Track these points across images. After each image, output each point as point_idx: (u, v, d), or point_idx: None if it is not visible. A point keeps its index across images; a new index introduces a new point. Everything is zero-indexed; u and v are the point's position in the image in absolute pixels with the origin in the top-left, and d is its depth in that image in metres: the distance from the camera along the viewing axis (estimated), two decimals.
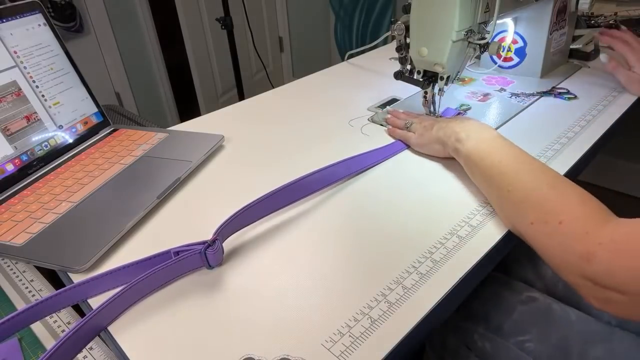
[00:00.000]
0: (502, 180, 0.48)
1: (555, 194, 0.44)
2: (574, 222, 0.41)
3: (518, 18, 0.82)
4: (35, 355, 0.42)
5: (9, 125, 0.60)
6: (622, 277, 0.37)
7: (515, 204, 0.46)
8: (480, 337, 0.57)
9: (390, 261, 0.45)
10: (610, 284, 0.37)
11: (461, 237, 0.48)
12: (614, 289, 0.37)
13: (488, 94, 0.80)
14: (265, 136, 0.72)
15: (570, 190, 0.44)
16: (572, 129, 0.67)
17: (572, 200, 0.43)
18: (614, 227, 0.39)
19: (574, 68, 0.89)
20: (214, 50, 2.20)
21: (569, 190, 0.44)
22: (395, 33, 0.67)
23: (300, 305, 0.41)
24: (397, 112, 0.72)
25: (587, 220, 0.41)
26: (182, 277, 0.45)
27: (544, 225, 0.43)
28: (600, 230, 0.39)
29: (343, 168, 0.58)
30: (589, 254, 0.38)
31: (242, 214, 0.48)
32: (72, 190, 0.58)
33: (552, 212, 0.43)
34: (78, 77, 0.71)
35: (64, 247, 0.49)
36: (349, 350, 0.37)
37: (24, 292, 0.49)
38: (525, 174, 0.47)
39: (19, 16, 0.64)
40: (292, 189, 0.52)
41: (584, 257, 0.39)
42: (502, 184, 0.48)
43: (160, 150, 0.67)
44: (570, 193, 0.44)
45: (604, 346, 0.52)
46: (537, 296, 0.59)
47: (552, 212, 0.43)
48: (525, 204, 0.45)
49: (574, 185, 0.45)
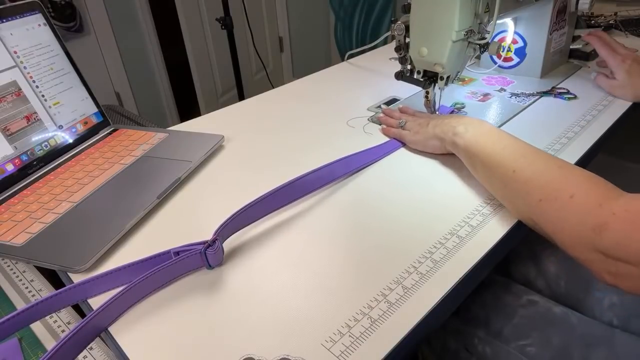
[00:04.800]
0: (506, 164, 0.48)
1: (564, 172, 0.44)
2: (586, 195, 0.41)
3: (518, 18, 0.82)
4: (35, 355, 0.42)
5: (9, 125, 0.60)
6: (634, 248, 0.36)
7: (522, 183, 0.46)
8: (481, 341, 0.57)
9: (390, 261, 0.45)
10: (623, 255, 0.37)
11: (461, 237, 0.48)
12: (626, 261, 0.37)
13: (488, 94, 0.80)
14: (265, 136, 0.72)
15: (578, 170, 0.44)
16: (572, 129, 0.67)
17: (581, 177, 0.43)
18: (628, 200, 0.39)
19: (574, 68, 0.89)
20: (214, 50, 2.20)
21: (577, 170, 0.45)
22: (395, 33, 0.67)
23: (300, 305, 0.41)
24: (390, 110, 0.72)
25: (599, 194, 0.41)
26: (182, 277, 0.45)
27: (554, 202, 0.43)
28: (614, 201, 0.39)
29: (340, 167, 0.58)
30: (602, 225, 0.38)
31: (241, 214, 0.48)
32: (72, 190, 0.58)
33: (561, 189, 0.43)
34: (78, 77, 0.71)
35: (64, 247, 0.49)
36: (349, 350, 0.37)
37: (24, 292, 0.49)
38: (530, 157, 0.48)
39: (19, 16, 0.64)
40: (291, 188, 0.53)
41: (596, 229, 0.39)
42: (506, 168, 0.48)
43: (160, 150, 0.67)
44: (579, 172, 0.44)
45: (605, 349, 0.52)
46: (538, 300, 0.59)
47: (561, 188, 0.43)
48: (533, 182, 0.45)
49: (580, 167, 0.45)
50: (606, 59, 0.77)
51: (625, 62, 0.74)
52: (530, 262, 0.65)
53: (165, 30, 2.11)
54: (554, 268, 0.63)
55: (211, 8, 2.08)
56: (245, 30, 1.88)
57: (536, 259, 0.65)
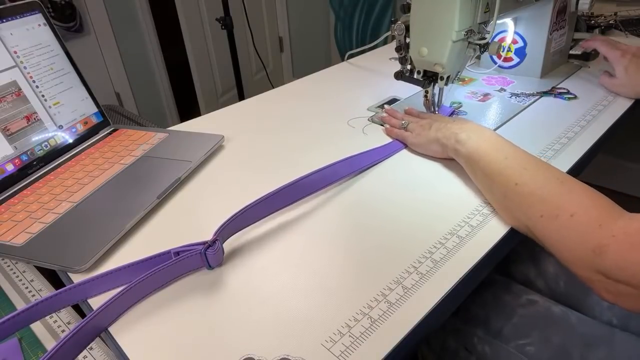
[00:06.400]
0: (508, 175, 0.48)
1: (565, 189, 0.44)
2: (587, 215, 0.41)
3: (518, 18, 0.82)
4: (35, 355, 0.42)
5: (9, 125, 0.60)
6: (634, 270, 0.37)
7: (524, 196, 0.46)
8: (480, 341, 0.57)
9: (390, 261, 0.45)
10: (623, 277, 0.37)
11: (461, 237, 0.48)
12: (626, 283, 0.37)
13: (488, 94, 0.80)
14: (265, 136, 0.72)
15: (579, 187, 0.45)
16: (572, 129, 0.67)
17: (583, 195, 0.43)
18: (627, 221, 0.39)
19: (574, 68, 0.89)
20: (214, 50, 2.20)
21: (578, 186, 0.45)
22: (395, 33, 0.67)
23: (300, 306, 0.41)
24: (393, 110, 0.72)
25: (600, 214, 0.41)
26: (182, 278, 0.45)
27: (555, 219, 0.43)
28: (613, 223, 0.39)
29: (342, 168, 0.58)
30: (602, 247, 0.38)
31: (242, 214, 0.48)
32: (72, 190, 0.58)
33: (563, 206, 0.43)
34: (78, 77, 0.71)
35: (64, 247, 0.49)
36: (349, 350, 0.37)
37: (24, 292, 0.49)
38: (532, 170, 0.48)
39: (19, 16, 0.64)
40: (294, 188, 0.52)
41: (596, 250, 0.39)
42: (508, 179, 0.48)
43: (160, 150, 0.67)
44: (580, 189, 0.44)
45: (605, 348, 0.52)
46: (537, 299, 0.59)
47: (563, 206, 0.43)
48: (535, 197, 0.45)
49: (582, 182, 0.45)
50: (606, 55, 0.77)
51: (625, 56, 0.74)
52: (530, 262, 0.65)
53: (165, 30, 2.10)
54: (553, 268, 0.63)
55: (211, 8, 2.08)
56: (245, 30, 1.88)
57: (536, 259, 0.65)
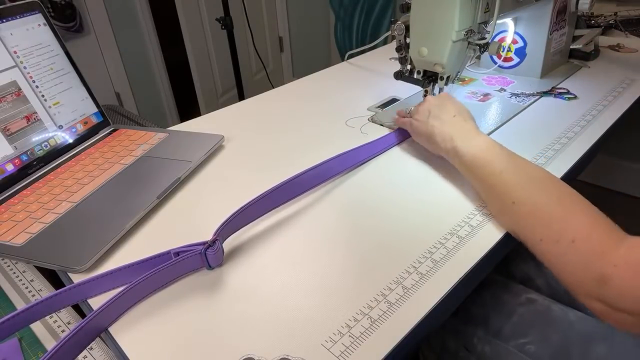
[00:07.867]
0: (504, 191, 0.47)
1: (564, 211, 0.43)
2: (587, 241, 0.40)
3: (518, 18, 0.82)
4: (35, 355, 0.42)
5: (9, 125, 0.60)
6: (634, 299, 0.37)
7: (521, 217, 0.45)
8: (480, 341, 0.57)
9: (390, 261, 0.45)
10: (626, 307, 0.37)
11: (461, 237, 0.48)
12: (630, 312, 0.37)
13: (488, 94, 0.80)
14: (265, 136, 0.72)
15: (578, 207, 0.43)
16: (572, 129, 0.67)
17: (582, 217, 0.42)
18: (628, 249, 0.38)
19: (574, 68, 0.89)
20: (214, 50, 2.20)
21: (577, 206, 0.43)
22: (395, 33, 0.67)
23: (300, 305, 0.41)
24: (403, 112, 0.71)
25: (601, 239, 0.40)
26: (182, 278, 0.45)
27: (556, 244, 0.42)
28: (615, 250, 0.39)
29: (337, 163, 0.58)
30: (604, 277, 0.38)
31: (240, 213, 0.48)
32: (72, 190, 0.58)
33: (563, 231, 0.42)
34: (78, 77, 0.71)
35: (64, 247, 0.49)
36: (349, 350, 0.37)
37: (24, 292, 0.49)
38: (529, 187, 0.46)
39: (19, 16, 0.64)
40: (290, 186, 0.53)
41: (599, 280, 0.38)
42: (505, 196, 0.47)
43: (160, 150, 0.67)
44: (578, 210, 0.43)
45: (604, 346, 0.52)
46: (536, 298, 0.59)
47: (562, 230, 0.42)
48: (532, 219, 0.44)
49: (580, 198, 0.44)
50: None
51: None
52: (530, 261, 0.66)
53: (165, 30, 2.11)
54: None
55: (211, 8, 2.08)
56: (245, 30, 1.88)
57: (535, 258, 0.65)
